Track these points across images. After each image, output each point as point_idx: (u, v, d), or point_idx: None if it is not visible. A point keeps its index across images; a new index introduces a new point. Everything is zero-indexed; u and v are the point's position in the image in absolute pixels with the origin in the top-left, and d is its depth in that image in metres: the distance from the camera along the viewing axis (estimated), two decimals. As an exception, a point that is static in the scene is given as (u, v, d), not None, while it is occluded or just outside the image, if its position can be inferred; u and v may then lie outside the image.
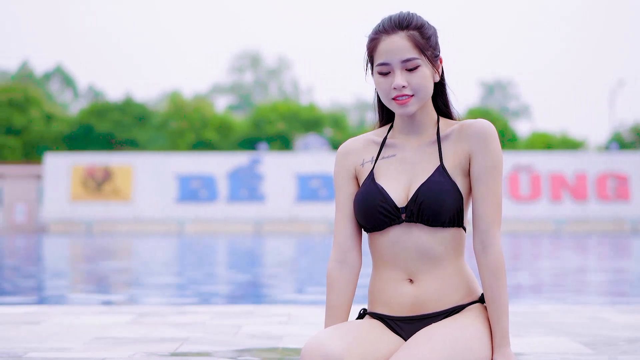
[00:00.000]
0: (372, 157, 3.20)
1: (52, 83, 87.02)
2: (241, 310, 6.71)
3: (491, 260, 3.06)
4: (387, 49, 3.04)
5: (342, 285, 3.17)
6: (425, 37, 3.07)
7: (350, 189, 3.22)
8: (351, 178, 3.22)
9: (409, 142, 3.17)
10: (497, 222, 3.12)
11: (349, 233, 3.20)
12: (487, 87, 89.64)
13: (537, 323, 5.78)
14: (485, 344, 3.03)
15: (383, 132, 3.25)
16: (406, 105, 3.05)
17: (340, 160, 3.25)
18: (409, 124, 3.16)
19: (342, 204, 3.22)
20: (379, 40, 3.07)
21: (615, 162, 49.97)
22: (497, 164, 3.10)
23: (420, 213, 3.03)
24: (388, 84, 3.05)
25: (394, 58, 3.03)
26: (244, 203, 48.54)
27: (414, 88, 3.03)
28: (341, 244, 3.19)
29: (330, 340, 2.84)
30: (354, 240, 3.20)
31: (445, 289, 3.09)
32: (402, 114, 3.10)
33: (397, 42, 3.03)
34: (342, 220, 3.21)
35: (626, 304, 8.08)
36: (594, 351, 4.47)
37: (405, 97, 3.04)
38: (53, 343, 4.78)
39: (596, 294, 9.47)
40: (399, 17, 3.08)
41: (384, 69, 3.05)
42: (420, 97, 3.06)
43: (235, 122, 68.17)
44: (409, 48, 3.03)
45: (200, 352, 4.45)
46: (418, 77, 3.03)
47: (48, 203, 48.59)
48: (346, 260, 3.18)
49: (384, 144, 3.21)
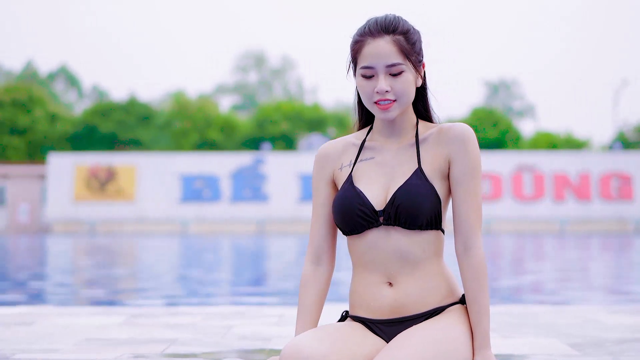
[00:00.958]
0: (351, 160, 3.21)
1: (56, 83, 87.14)
2: (233, 311, 6.72)
3: (473, 262, 3.08)
4: (372, 53, 3.04)
5: (315, 286, 3.20)
6: (411, 43, 3.07)
7: (327, 193, 3.25)
8: (329, 182, 3.25)
9: (387, 144, 3.18)
10: (478, 224, 3.13)
11: (324, 236, 3.24)
12: (492, 86, 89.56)
13: (528, 324, 5.79)
14: (466, 345, 3.03)
15: (362, 135, 3.27)
16: (388, 110, 3.06)
17: (318, 165, 3.27)
18: (389, 127, 3.18)
19: (319, 207, 3.25)
20: (364, 42, 3.07)
21: (618, 162, 49.90)
22: (477, 167, 3.11)
23: (397, 216, 3.04)
24: (371, 87, 3.06)
25: (378, 62, 3.03)
26: (247, 203, 48.56)
27: (397, 93, 3.04)
28: (316, 246, 3.23)
29: (309, 343, 2.84)
30: (329, 243, 3.24)
31: (425, 291, 3.10)
32: (383, 119, 3.12)
33: (383, 46, 3.03)
34: (318, 223, 3.25)
35: (619, 305, 8.07)
36: (580, 352, 4.48)
37: (388, 102, 3.05)
38: (43, 344, 4.80)
39: (592, 294, 9.47)
40: (386, 21, 3.08)
41: (367, 72, 3.05)
42: (402, 102, 3.07)
43: (239, 122, 68.17)
44: (395, 53, 3.03)
45: (187, 354, 4.47)
46: (401, 83, 3.04)
47: (51, 203, 48.64)
48: (320, 261, 3.22)
49: (362, 146, 3.22)
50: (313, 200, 3.27)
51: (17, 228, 49.90)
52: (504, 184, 48.84)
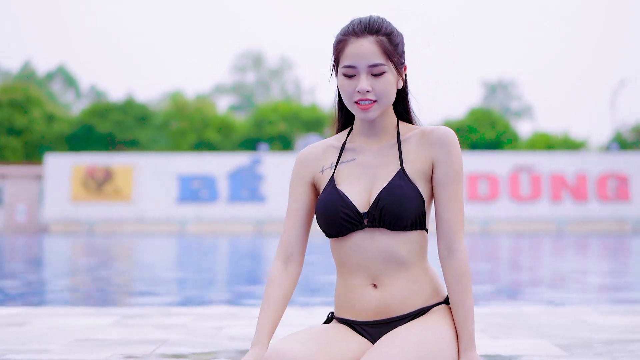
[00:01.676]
0: (332, 162, 3.21)
1: (54, 83, 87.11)
2: (225, 311, 6.74)
3: (457, 264, 3.09)
4: (355, 52, 3.05)
5: (282, 283, 3.18)
6: (394, 44, 3.08)
7: (304, 196, 3.25)
8: (308, 184, 3.24)
9: (368, 145, 3.19)
10: (461, 227, 3.14)
11: (296, 237, 3.23)
12: (490, 87, 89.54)
13: (518, 325, 5.80)
14: (451, 345, 3.05)
15: (343, 137, 3.27)
16: (368, 110, 3.07)
17: (299, 166, 3.27)
18: (369, 128, 3.18)
19: (294, 209, 3.24)
20: (347, 42, 3.07)
21: (615, 162, 49.93)
22: (460, 170, 3.13)
23: (382, 218, 3.05)
24: (352, 86, 3.06)
25: (361, 62, 3.04)
26: (244, 203, 48.57)
27: (378, 94, 3.05)
28: (287, 246, 3.22)
29: (292, 346, 2.85)
30: (300, 245, 3.24)
31: (410, 292, 3.11)
32: (363, 119, 3.13)
33: (366, 46, 3.04)
34: (291, 224, 3.24)
35: (610, 306, 8.09)
36: (568, 353, 4.50)
37: (368, 102, 3.05)
38: (34, 345, 4.82)
39: (586, 295, 9.49)
40: (370, 21, 3.08)
41: (349, 72, 3.06)
42: (382, 103, 3.08)
43: (237, 122, 68.16)
44: (377, 53, 3.04)
45: (176, 354, 4.49)
46: (383, 83, 3.05)
47: (49, 203, 48.64)
48: (289, 261, 3.21)
49: (343, 148, 3.22)
50: (289, 200, 3.26)
51: (14, 228, 49.88)
52: (501, 184, 48.86)
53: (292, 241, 3.22)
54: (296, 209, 3.25)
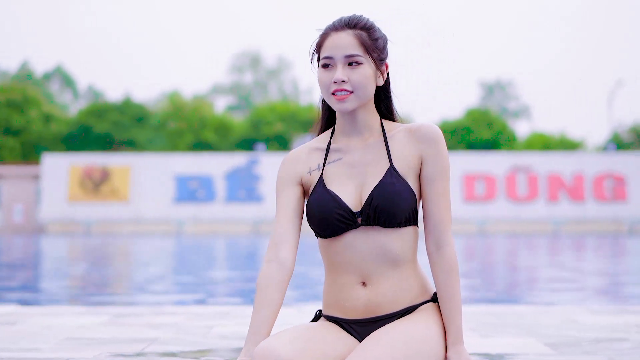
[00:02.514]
0: (319, 164, 3.22)
1: (52, 83, 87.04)
2: (216, 311, 6.76)
3: (445, 260, 3.12)
4: (333, 44, 3.10)
5: (274, 284, 3.10)
6: (372, 39, 3.13)
7: (292, 194, 3.22)
8: (296, 184, 3.24)
9: (352, 144, 3.20)
10: (449, 223, 3.17)
11: (286, 236, 3.17)
12: (487, 87, 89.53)
13: (509, 324, 5.83)
14: (439, 342, 3.08)
15: (326, 138, 3.28)
16: (344, 101, 3.10)
17: (285, 167, 3.26)
18: (351, 125, 3.20)
19: (283, 207, 3.21)
20: (327, 36, 3.14)
21: (612, 162, 49.97)
22: (447, 166, 3.16)
23: (376, 216, 3.07)
24: (329, 77, 3.10)
25: (337, 53, 3.09)
26: (241, 203, 48.57)
27: (354, 85, 3.08)
28: (277, 245, 3.16)
29: (280, 346, 2.86)
30: (290, 244, 3.17)
31: (399, 290, 3.13)
32: (339, 110, 3.14)
33: (344, 38, 3.10)
34: (281, 223, 3.19)
35: (601, 305, 8.12)
36: (555, 352, 4.53)
37: (345, 93, 3.08)
38: (25, 344, 4.84)
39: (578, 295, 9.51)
40: (350, 17, 3.16)
41: (327, 62, 3.11)
42: (359, 94, 3.10)
43: (234, 122, 68.15)
44: (355, 45, 3.09)
45: (165, 353, 4.51)
46: (359, 75, 3.08)
47: (46, 203, 48.63)
48: (280, 261, 3.13)
49: (328, 149, 3.24)
50: (277, 202, 3.24)
51: (11, 228, 49.87)
52: (499, 184, 48.89)
53: (281, 241, 3.16)
54: (285, 210, 3.21)
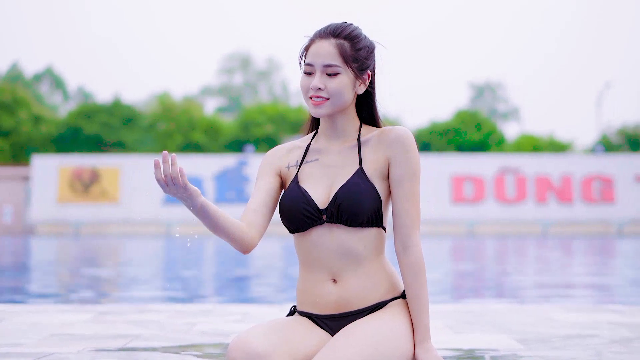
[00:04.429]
0: (297, 161, 3.37)
1: (42, 84, 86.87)
2: (199, 308, 6.89)
3: (412, 260, 3.23)
4: (315, 52, 3.24)
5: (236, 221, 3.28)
6: (355, 49, 3.24)
7: (270, 181, 3.38)
8: (275, 173, 3.39)
9: (331, 146, 3.35)
10: (417, 224, 3.28)
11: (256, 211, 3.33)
12: (477, 89, 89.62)
13: (484, 321, 5.95)
14: (407, 337, 3.20)
15: (308, 138, 3.44)
16: (319, 106, 3.24)
17: (268, 158, 3.42)
18: (332, 129, 3.35)
19: (259, 190, 3.37)
20: (313, 42, 3.27)
21: (600, 164, 50.14)
22: (416, 169, 3.26)
23: (339, 214, 3.20)
24: (308, 83, 3.24)
25: (317, 60, 3.22)
26: (231, 204, 48.55)
27: (330, 92, 3.21)
28: (247, 215, 3.34)
29: (254, 338, 2.98)
30: (259, 218, 3.33)
31: (368, 287, 3.25)
32: (314, 114, 3.28)
33: (325, 48, 3.22)
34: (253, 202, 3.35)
35: (576, 303, 8.25)
36: (525, 347, 4.66)
37: (321, 99, 3.22)
38: (9, 339, 4.96)
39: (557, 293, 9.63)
40: (336, 26, 3.27)
41: (307, 69, 3.25)
42: (334, 102, 3.24)
43: (224, 124, 68.14)
44: (334, 55, 3.21)
45: (147, 348, 4.63)
46: (335, 84, 3.21)
47: (35, 204, 48.62)
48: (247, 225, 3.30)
49: (307, 149, 3.39)
50: (255, 185, 3.39)
51: (1, 229, 49.84)
52: (487, 186, 49.03)
53: (252, 213, 3.32)
54: (259, 190, 3.37)
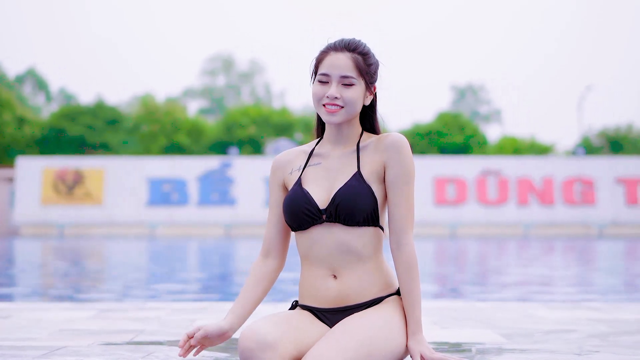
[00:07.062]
0: (300, 165, 3.67)
1: (24, 86, 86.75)
2: (197, 306, 7.15)
3: (405, 258, 3.52)
4: (332, 63, 3.53)
5: (260, 276, 3.63)
6: (367, 64, 3.56)
7: (278, 195, 3.71)
8: (280, 186, 3.71)
9: (333, 151, 3.64)
10: (410, 224, 3.57)
11: (274, 233, 3.68)
12: (459, 91, 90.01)
13: (469, 317, 6.22)
14: (400, 330, 3.49)
15: (313, 144, 3.74)
16: (334, 114, 3.53)
17: (273, 172, 3.74)
18: (336, 136, 3.64)
19: (272, 207, 3.71)
20: (327, 54, 3.56)
21: (581, 166, 50.49)
22: (410, 172, 3.55)
23: (337, 213, 3.50)
24: (323, 91, 3.53)
25: (334, 71, 3.51)
26: (214, 207, 48.73)
27: (345, 101, 3.51)
28: (267, 241, 3.69)
29: (264, 327, 3.26)
30: (279, 240, 3.69)
31: (366, 283, 3.54)
32: (327, 121, 3.57)
33: (342, 60, 3.52)
34: (271, 221, 3.70)
35: (557, 301, 8.51)
36: (509, 341, 4.94)
37: (336, 107, 3.52)
38: (21, 334, 5.21)
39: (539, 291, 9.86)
40: (350, 41, 3.57)
41: (323, 79, 3.53)
42: (348, 110, 3.53)
43: (207, 126, 68.22)
44: (351, 67, 3.52)
45: (153, 342, 4.90)
46: (350, 93, 3.51)
47: (19, 206, 48.63)
48: (269, 255, 3.67)
49: (311, 153, 3.68)
50: (269, 202, 3.74)
51: (-16, 231, 49.81)
52: (469, 188, 49.34)
53: (271, 237, 3.68)
54: (273, 208, 3.71)
